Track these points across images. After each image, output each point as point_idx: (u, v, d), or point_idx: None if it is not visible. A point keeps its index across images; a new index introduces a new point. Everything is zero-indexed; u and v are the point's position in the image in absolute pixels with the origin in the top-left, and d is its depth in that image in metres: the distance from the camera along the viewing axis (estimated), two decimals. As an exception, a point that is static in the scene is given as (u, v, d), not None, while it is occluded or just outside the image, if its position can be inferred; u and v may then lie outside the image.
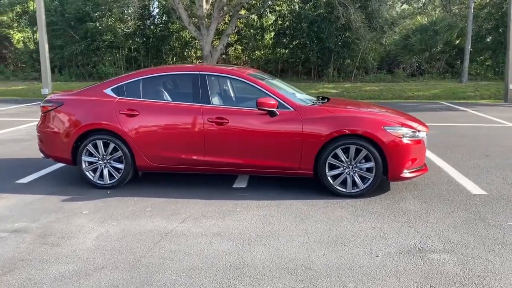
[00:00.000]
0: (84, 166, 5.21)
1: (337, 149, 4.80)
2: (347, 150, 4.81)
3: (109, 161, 5.19)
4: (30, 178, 5.71)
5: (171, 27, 23.49)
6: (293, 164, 4.93)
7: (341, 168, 4.87)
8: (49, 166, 6.21)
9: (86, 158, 5.20)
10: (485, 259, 3.39)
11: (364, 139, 4.77)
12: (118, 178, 5.20)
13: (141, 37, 22.95)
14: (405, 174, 4.89)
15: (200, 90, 5.13)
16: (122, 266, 3.35)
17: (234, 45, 23.98)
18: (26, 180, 5.63)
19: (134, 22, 21.23)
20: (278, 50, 22.96)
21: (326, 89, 18.07)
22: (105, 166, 5.20)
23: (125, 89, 5.26)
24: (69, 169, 6.04)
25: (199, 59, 23.27)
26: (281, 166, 4.97)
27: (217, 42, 20.65)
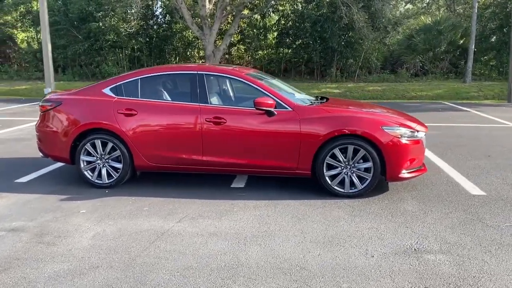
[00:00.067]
0: (82, 166, 5.23)
1: (335, 149, 4.78)
2: (345, 150, 4.80)
3: (107, 160, 5.20)
4: (30, 177, 5.73)
5: (174, 27, 23.52)
6: (291, 164, 4.92)
7: (339, 168, 4.85)
8: (48, 165, 6.23)
9: (84, 158, 5.21)
10: (481, 260, 3.37)
11: (362, 139, 4.75)
12: (116, 178, 5.21)
13: (144, 37, 23.01)
14: (403, 175, 4.87)
15: (198, 89, 5.12)
16: (117, 266, 3.35)
17: (237, 45, 23.98)
18: (26, 179, 5.65)
19: (137, 22, 21.26)
20: (281, 50, 22.96)
21: (329, 89, 18.04)
22: (103, 166, 5.21)
23: (123, 88, 5.27)
24: (68, 168, 6.06)
25: (202, 59, 23.30)
26: (279, 166, 4.96)
27: (220, 42, 20.66)
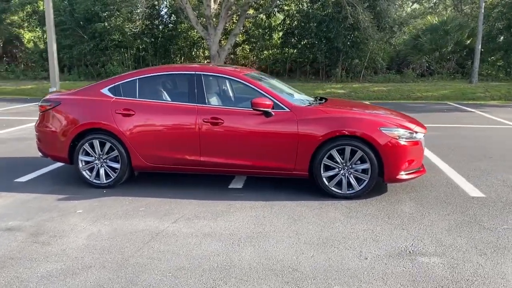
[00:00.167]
0: (80, 166, 5.24)
1: (332, 150, 4.76)
2: (343, 151, 4.77)
3: (105, 160, 5.21)
4: (29, 177, 5.76)
5: (179, 27, 23.57)
6: (288, 164, 4.90)
7: (336, 169, 4.83)
8: (48, 165, 6.26)
9: (82, 158, 5.23)
10: (475, 263, 3.33)
11: (359, 140, 4.72)
12: (114, 178, 5.22)
13: (149, 36, 23.06)
14: (401, 176, 4.83)
15: (196, 90, 5.12)
16: (109, 266, 3.36)
17: (242, 45, 23.98)
18: (25, 178, 5.68)
19: (142, 21, 21.34)
20: (286, 50, 22.90)
21: (334, 89, 17.97)
22: (101, 166, 5.23)
23: (121, 89, 5.28)
24: (67, 168, 6.08)
25: (207, 59, 23.31)
26: (276, 166, 4.95)
27: (224, 42, 20.65)
